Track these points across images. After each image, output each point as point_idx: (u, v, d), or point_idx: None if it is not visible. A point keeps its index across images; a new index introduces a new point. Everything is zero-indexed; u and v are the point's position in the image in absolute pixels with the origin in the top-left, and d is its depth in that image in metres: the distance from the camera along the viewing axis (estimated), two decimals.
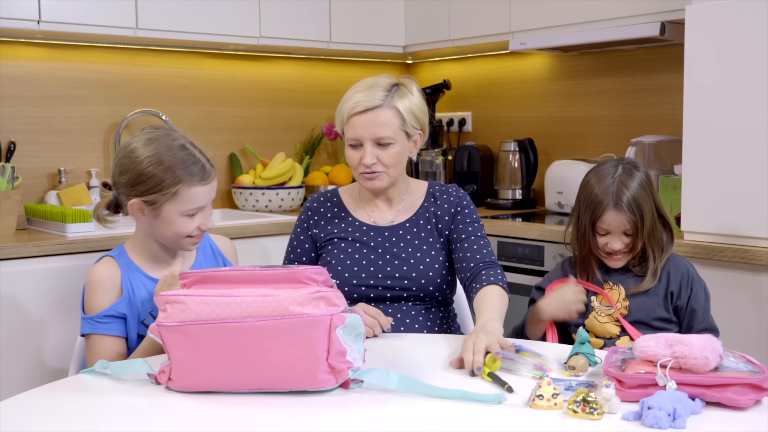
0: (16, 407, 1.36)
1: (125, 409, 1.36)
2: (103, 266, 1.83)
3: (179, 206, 1.76)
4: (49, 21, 2.85)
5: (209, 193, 1.81)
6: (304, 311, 1.34)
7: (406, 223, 2.02)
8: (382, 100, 1.90)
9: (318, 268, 1.40)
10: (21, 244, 2.50)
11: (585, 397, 1.26)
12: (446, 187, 2.08)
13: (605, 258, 1.91)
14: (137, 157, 1.76)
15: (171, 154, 1.75)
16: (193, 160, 1.77)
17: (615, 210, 1.86)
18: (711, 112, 2.37)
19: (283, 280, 1.39)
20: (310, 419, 1.30)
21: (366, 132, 1.90)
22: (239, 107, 3.65)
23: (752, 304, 2.28)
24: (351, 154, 1.95)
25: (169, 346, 1.38)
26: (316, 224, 2.05)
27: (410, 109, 1.95)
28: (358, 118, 1.90)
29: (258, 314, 1.35)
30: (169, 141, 1.78)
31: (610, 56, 3.35)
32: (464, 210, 2.02)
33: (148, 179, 1.74)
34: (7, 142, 3.02)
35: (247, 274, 1.40)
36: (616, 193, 1.86)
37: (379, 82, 1.95)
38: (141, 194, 1.76)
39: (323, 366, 1.35)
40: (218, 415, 1.31)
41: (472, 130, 3.95)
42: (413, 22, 3.70)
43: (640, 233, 1.86)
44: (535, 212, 3.40)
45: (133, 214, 1.80)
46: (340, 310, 1.37)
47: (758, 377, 1.29)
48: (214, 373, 1.37)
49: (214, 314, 1.35)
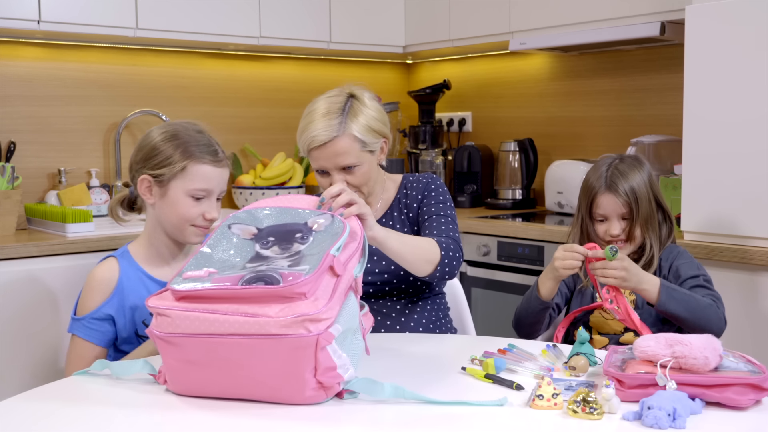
0: (12, 409, 1.36)
1: (123, 411, 1.35)
2: (102, 269, 1.83)
3: (185, 183, 1.78)
4: (49, 21, 2.85)
5: (218, 177, 1.82)
6: (288, 332, 1.26)
7: (382, 218, 2.03)
8: (337, 130, 1.86)
9: (305, 278, 1.29)
10: (21, 244, 2.50)
11: (585, 397, 1.26)
12: (419, 176, 2.07)
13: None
14: (153, 133, 1.83)
15: (185, 133, 1.81)
16: (206, 141, 1.82)
17: (608, 192, 1.89)
18: (711, 112, 2.37)
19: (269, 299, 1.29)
20: (308, 425, 1.29)
21: (329, 163, 1.89)
22: (239, 107, 3.65)
23: (751, 304, 2.28)
24: (320, 180, 1.94)
25: (162, 352, 1.37)
26: None
27: (367, 127, 1.89)
28: (318, 151, 1.88)
29: (242, 332, 1.28)
30: (187, 124, 1.84)
31: (610, 56, 3.35)
32: (431, 193, 2.01)
33: (159, 153, 1.78)
34: (7, 142, 3.02)
35: (231, 292, 1.30)
36: (610, 177, 1.90)
37: (331, 106, 1.89)
38: (151, 168, 1.78)
39: (311, 384, 1.30)
40: (210, 422, 1.29)
41: (472, 130, 3.95)
42: (413, 22, 3.70)
43: (636, 217, 1.87)
44: (535, 212, 3.40)
45: (142, 193, 1.81)
46: (330, 322, 1.28)
47: (758, 377, 1.29)
48: (203, 381, 1.35)
49: (198, 330, 1.30)
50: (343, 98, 1.90)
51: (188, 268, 1.38)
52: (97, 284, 1.81)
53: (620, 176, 1.89)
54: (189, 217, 1.80)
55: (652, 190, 1.91)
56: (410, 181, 2.07)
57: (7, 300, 2.45)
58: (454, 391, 1.40)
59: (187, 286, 1.33)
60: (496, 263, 2.99)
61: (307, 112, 1.92)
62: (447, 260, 1.83)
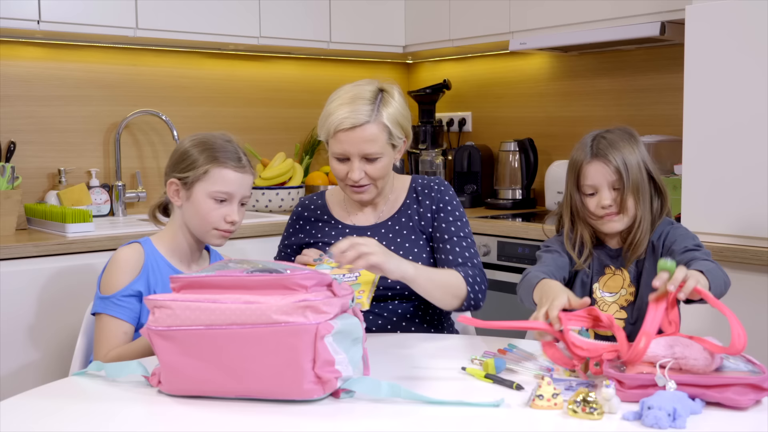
0: (12, 409, 1.36)
1: (121, 412, 1.35)
2: (131, 250, 1.88)
3: (208, 186, 1.85)
4: (49, 21, 2.85)
5: (240, 181, 1.88)
6: (288, 320, 1.30)
7: (389, 221, 2.01)
8: (368, 116, 1.86)
9: (308, 272, 1.36)
10: (21, 244, 2.50)
11: (585, 397, 1.26)
12: (428, 181, 2.05)
13: (601, 224, 1.81)
14: (185, 141, 1.92)
15: (214, 140, 1.89)
16: (232, 149, 1.89)
17: (595, 160, 1.79)
18: (711, 112, 2.37)
19: (271, 287, 1.34)
20: (305, 424, 1.29)
21: (353, 148, 1.88)
22: (239, 107, 3.65)
23: (752, 305, 2.28)
24: (337, 167, 1.93)
25: (157, 349, 1.37)
26: (301, 229, 2.06)
27: (396, 120, 1.90)
28: (345, 134, 1.87)
29: (242, 322, 1.31)
30: (218, 134, 1.93)
31: (610, 56, 3.36)
32: (446, 207, 2.00)
33: (187, 157, 1.88)
34: (7, 142, 3.02)
35: (235, 280, 1.36)
36: (596, 145, 1.80)
37: (362, 93, 1.89)
38: (179, 172, 1.88)
39: (309, 376, 1.31)
40: (208, 421, 1.29)
41: (472, 130, 3.95)
42: (413, 22, 3.70)
43: (626, 186, 1.76)
44: (535, 212, 3.40)
45: (170, 196, 1.90)
46: (329, 317, 1.32)
47: (758, 377, 1.29)
48: (200, 379, 1.35)
49: (199, 320, 1.33)
50: (374, 88, 1.91)
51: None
52: (124, 263, 1.85)
53: (608, 144, 1.79)
54: (211, 219, 1.87)
55: (644, 160, 1.80)
56: (420, 184, 2.04)
57: (7, 300, 2.46)
58: (454, 391, 1.40)
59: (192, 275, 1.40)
60: (496, 263, 2.99)
61: (336, 96, 1.91)
62: (473, 294, 1.87)
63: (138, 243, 1.90)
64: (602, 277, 1.86)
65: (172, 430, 1.27)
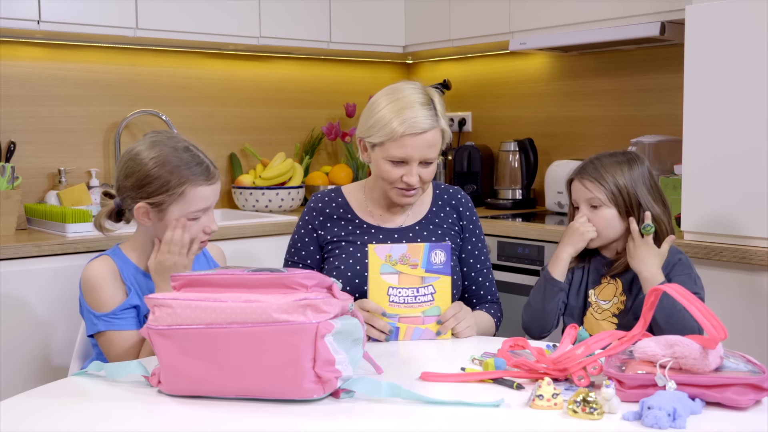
0: (12, 409, 1.36)
1: (121, 412, 1.35)
2: (101, 263, 1.82)
3: (185, 207, 1.77)
4: (49, 21, 2.85)
5: (213, 194, 1.81)
6: (289, 319, 1.30)
7: (416, 225, 2.01)
8: (435, 121, 1.86)
9: (308, 272, 1.36)
10: (21, 244, 2.50)
11: (585, 397, 1.26)
12: (451, 190, 2.08)
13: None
14: (142, 159, 1.77)
15: (176, 155, 1.76)
16: (197, 160, 1.78)
17: (575, 179, 1.94)
18: (711, 112, 2.37)
19: (272, 285, 1.35)
20: (305, 424, 1.29)
21: (417, 153, 1.86)
22: (239, 107, 3.65)
23: (752, 304, 2.28)
24: (390, 170, 1.89)
25: (157, 349, 1.37)
26: (321, 225, 2.01)
27: (447, 126, 1.92)
28: (412, 139, 1.84)
29: (243, 320, 1.31)
30: (173, 143, 1.79)
31: (610, 56, 3.36)
32: (469, 225, 2.05)
33: (154, 180, 1.75)
34: (7, 142, 3.02)
35: (236, 278, 1.36)
36: (583, 165, 1.93)
37: (423, 98, 1.87)
38: (147, 196, 1.76)
39: (309, 375, 1.31)
40: (208, 421, 1.29)
41: (472, 130, 3.95)
42: (413, 22, 3.70)
43: (611, 201, 1.87)
44: (535, 212, 3.40)
45: (138, 218, 1.80)
46: (330, 317, 1.33)
47: (758, 377, 1.29)
48: (200, 379, 1.35)
49: (199, 319, 1.33)
50: (426, 94, 1.90)
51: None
52: (104, 277, 1.79)
53: (595, 165, 1.90)
54: (191, 235, 1.80)
55: (633, 182, 1.88)
56: (443, 191, 2.07)
57: (7, 300, 2.46)
58: (454, 391, 1.40)
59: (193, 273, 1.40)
60: (496, 263, 2.99)
61: (398, 98, 1.87)
62: (495, 329, 2.02)
63: (106, 255, 1.84)
64: (598, 286, 1.96)
65: (172, 430, 1.27)
